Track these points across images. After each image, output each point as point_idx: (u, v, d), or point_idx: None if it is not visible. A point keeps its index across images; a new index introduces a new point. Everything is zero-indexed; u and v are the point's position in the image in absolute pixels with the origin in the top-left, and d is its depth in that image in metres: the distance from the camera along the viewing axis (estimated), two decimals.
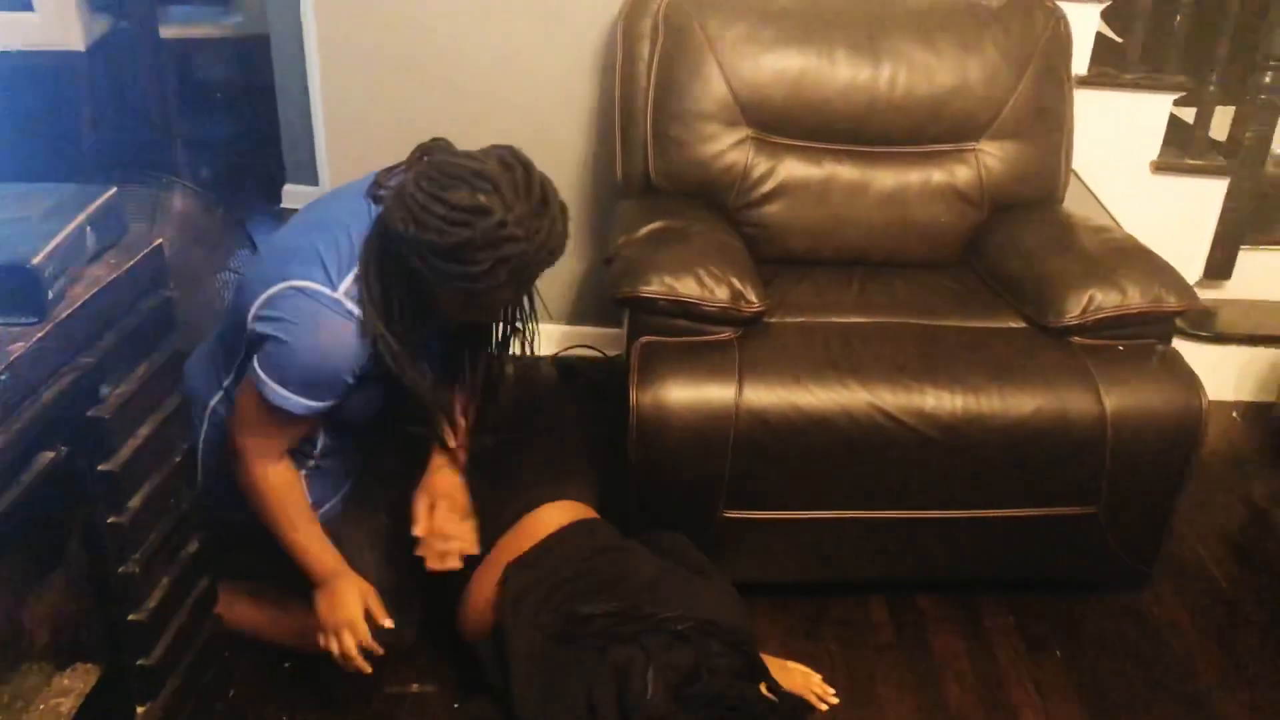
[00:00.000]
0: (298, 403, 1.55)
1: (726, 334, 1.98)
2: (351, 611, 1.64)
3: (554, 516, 1.82)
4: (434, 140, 1.58)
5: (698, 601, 1.69)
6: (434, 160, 1.48)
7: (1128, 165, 2.77)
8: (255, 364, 1.54)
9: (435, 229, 1.41)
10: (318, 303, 1.51)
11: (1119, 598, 2.16)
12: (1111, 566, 2.10)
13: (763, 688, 1.63)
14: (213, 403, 1.72)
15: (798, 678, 1.88)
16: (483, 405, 1.82)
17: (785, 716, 1.51)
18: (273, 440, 1.62)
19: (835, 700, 1.86)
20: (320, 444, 1.74)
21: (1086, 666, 1.98)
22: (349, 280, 1.53)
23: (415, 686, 1.83)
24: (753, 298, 1.97)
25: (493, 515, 1.81)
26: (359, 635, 1.64)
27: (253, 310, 1.54)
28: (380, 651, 1.66)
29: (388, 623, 1.66)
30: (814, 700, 1.85)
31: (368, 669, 1.65)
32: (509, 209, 1.42)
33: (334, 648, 1.64)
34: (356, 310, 1.52)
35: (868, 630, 2.04)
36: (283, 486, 1.66)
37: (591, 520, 1.86)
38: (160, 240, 1.37)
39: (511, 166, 1.46)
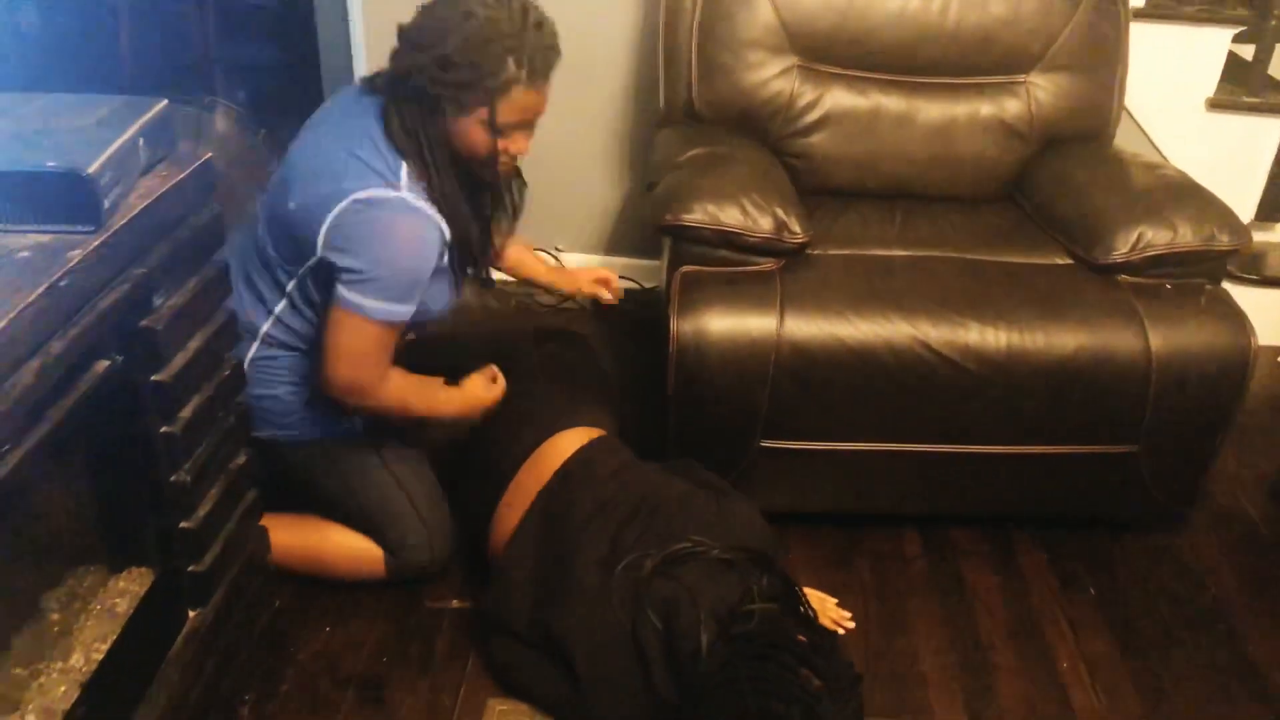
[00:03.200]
0: (401, 311, 1.57)
1: (768, 264, 1.97)
2: (483, 390, 1.83)
3: (570, 442, 1.81)
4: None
5: (730, 523, 1.70)
6: (420, 9, 1.57)
7: (1182, 102, 2.71)
8: (348, 293, 1.54)
9: (438, 46, 1.50)
10: (390, 209, 1.54)
11: (1155, 538, 2.16)
12: (1148, 507, 2.10)
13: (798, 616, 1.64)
14: (264, 328, 1.70)
15: (814, 604, 1.89)
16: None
17: (824, 654, 1.52)
18: (384, 358, 1.63)
19: (852, 625, 1.88)
20: None
21: (1119, 604, 1.99)
22: (404, 174, 1.56)
23: (455, 602, 1.87)
24: (797, 228, 1.95)
25: (511, 444, 1.83)
26: (499, 392, 1.84)
27: (320, 238, 1.55)
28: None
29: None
30: (831, 625, 1.87)
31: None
32: (493, 8, 1.50)
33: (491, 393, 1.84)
34: (421, 201, 1.56)
35: (900, 562, 2.06)
36: (407, 390, 1.70)
37: (599, 443, 1.84)
38: (209, 155, 1.38)
39: None
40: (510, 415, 1.88)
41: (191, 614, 1.44)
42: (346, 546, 1.82)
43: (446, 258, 1.65)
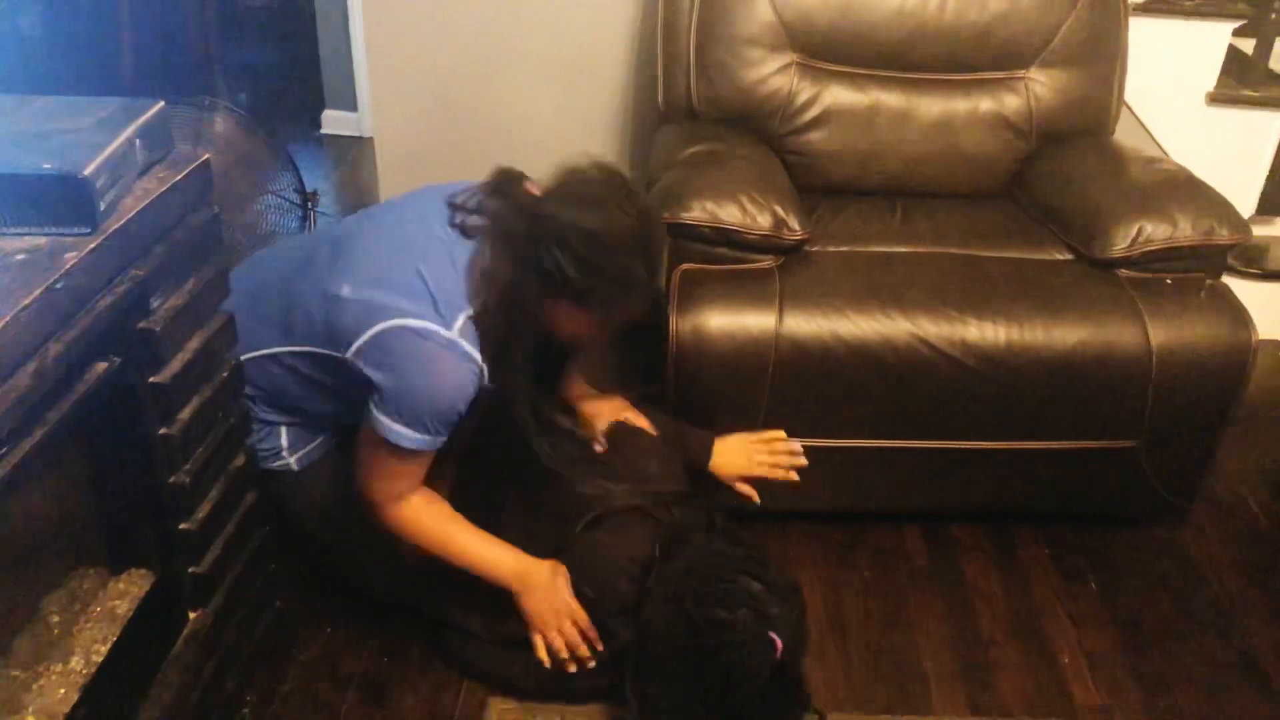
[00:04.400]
0: (424, 440, 1.49)
1: (767, 262, 1.97)
2: (565, 596, 1.59)
3: None
4: (502, 172, 1.57)
5: (630, 460, 1.74)
6: (548, 193, 1.52)
7: (1182, 96, 2.70)
8: (379, 414, 1.48)
9: (587, 243, 1.45)
10: (435, 344, 1.45)
11: (1157, 533, 2.15)
12: (1150, 502, 2.09)
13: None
14: (261, 353, 1.61)
15: (761, 458, 1.86)
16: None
17: (760, 562, 1.55)
18: (408, 479, 1.56)
19: (804, 462, 1.86)
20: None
21: (1122, 599, 1.98)
22: (461, 320, 1.47)
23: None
24: (795, 226, 1.95)
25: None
26: (580, 621, 1.60)
27: (357, 345, 1.47)
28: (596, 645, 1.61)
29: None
30: (782, 475, 1.85)
31: (591, 658, 1.61)
32: (629, 217, 1.48)
33: (558, 642, 1.60)
34: (472, 351, 1.47)
35: (902, 558, 2.06)
36: (431, 516, 1.59)
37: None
38: (207, 156, 1.38)
39: (608, 171, 1.55)
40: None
41: (192, 615, 1.44)
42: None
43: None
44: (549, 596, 1.59)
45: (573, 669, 1.62)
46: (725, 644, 1.44)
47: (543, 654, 1.60)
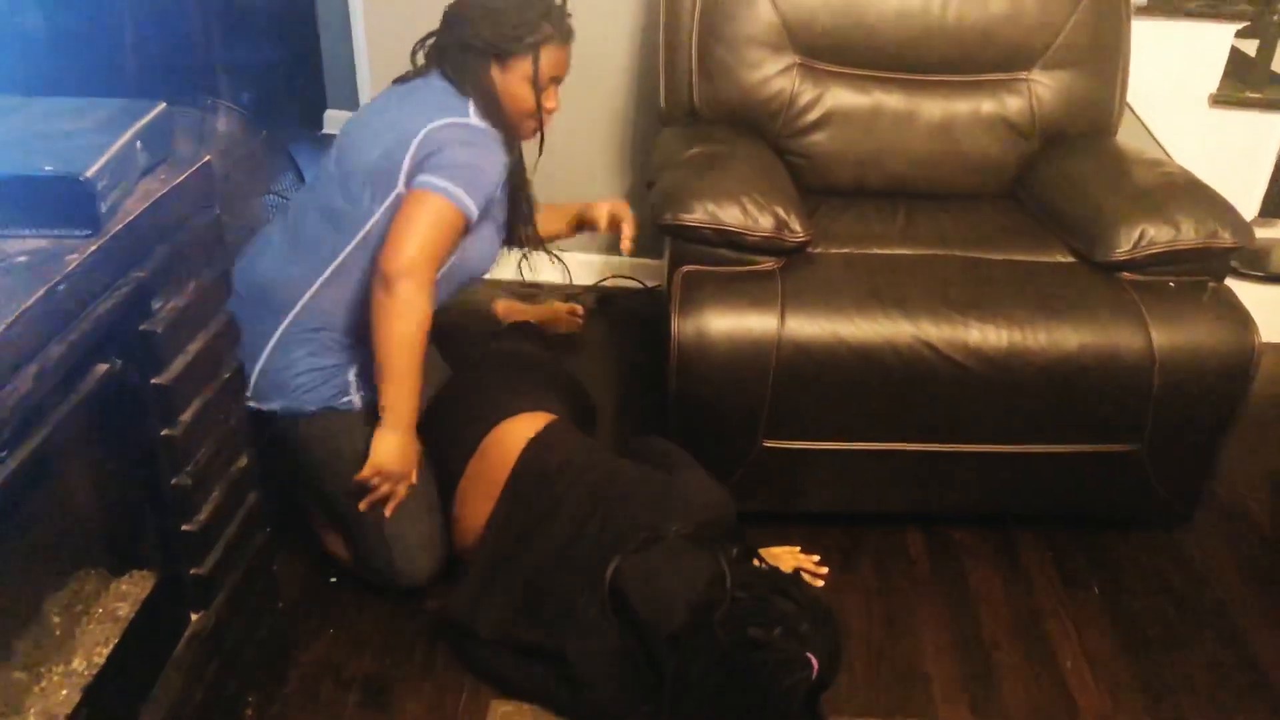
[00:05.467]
0: (470, 205, 1.69)
1: (769, 264, 1.97)
2: (411, 465, 1.75)
3: (514, 430, 1.81)
4: None
5: (685, 496, 1.72)
6: None
7: (1185, 98, 2.70)
8: (430, 176, 1.67)
9: (486, 12, 1.77)
10: (468, 128, 1.75)
11: (1159, 537, 2.15)
12: (1152, 505, 2.09)
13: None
14: (303, 299, 1.76)
15: (787, 559, 1.93)
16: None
17: (795, 582, 1.54)
18: (437, 254, 1.69)
19: (825, 570, 1.96)
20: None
21: (1124, 603, 1.98)
22: (472, 109, 1.77)
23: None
24: (797, 227, 1.95)
25: (456, 443, 1.84)
26: (404, 491, 1.76)
27: (409, 157, 1.70)
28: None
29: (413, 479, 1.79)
30: (808, 579, 1.91)
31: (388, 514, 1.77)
32: None
33: (384, 489, 1.74)
34: (493, 129, 1.78)
35: (904, 562, 2.05)
36: (425, 319, 1.69)
37: (546, 433, 1.82)
38: (209, 157, 1.38)
39: None
40: (453, 413, 1.90)
41: (194, 617, 1.44)
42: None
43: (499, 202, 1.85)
44: (407, 456, 1.73)
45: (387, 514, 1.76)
46: (761, 663, 1.42)
47: (380, 488, 1.73)
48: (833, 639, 1.49)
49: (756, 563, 1.72)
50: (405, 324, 1.65)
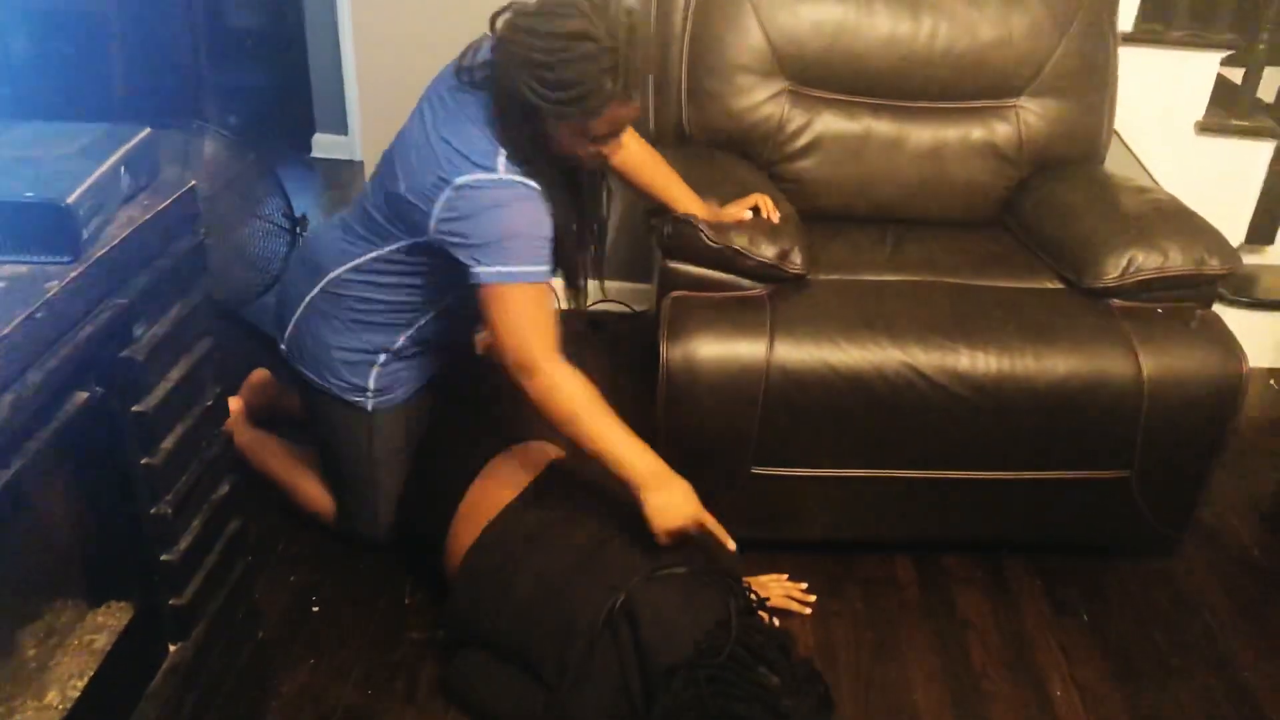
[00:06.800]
0: (536, 271, 1.61)
1: (759, 290, 1.96)
2: (693, 505, 1.66)
3: (518, 459, 1.86)
4: (506, 6, 1.64)
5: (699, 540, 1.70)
6: (516, 10, 1.58)
7: (1172, 125, 2.72)
8: (480, 268, 1.60)
9: (544, 64, 1.52)
10: (492, 187, 1.60)
11: (1148, 564, 2.14)
12: (1142, 532, 2.08)
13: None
14: (337, 272, 1.80)
15: (774, 587, 1.93)
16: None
17: (780, 649, 1.53)
18: (542, 330, 1.64)
19: (812, 598, 1.96)
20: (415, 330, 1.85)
21: (1113, 631, 1.97)
22: (500, 160, 1.61)
23: (442, 633, 1.85)
24: (797, 260, 1.96)
25: (461, 462, 1.86)
26: (708, 523, 1.67)
27: (434, 221, 1.62)
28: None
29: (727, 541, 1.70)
30: (796, 607, 1.93)
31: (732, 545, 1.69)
32: (595, 24, 1.51)
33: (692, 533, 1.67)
34: (523, 179, 1.61)
35: (893, 589, 2.04)
36: (583, 388, 1.65)
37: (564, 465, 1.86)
38: (193, 183, 1.36)
39: None
40: (458, 434, 1.91)
41: (172, 648, 1.41)
42: (312, 497, 2.05)
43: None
44: (685, 499, 1.65)
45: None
46: None
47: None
48: (817, 706, 1.49)
49: (764, 616, 1.71)
50: (559, 404, 1.64)
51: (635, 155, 1.94)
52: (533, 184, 1.62)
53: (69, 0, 3.37)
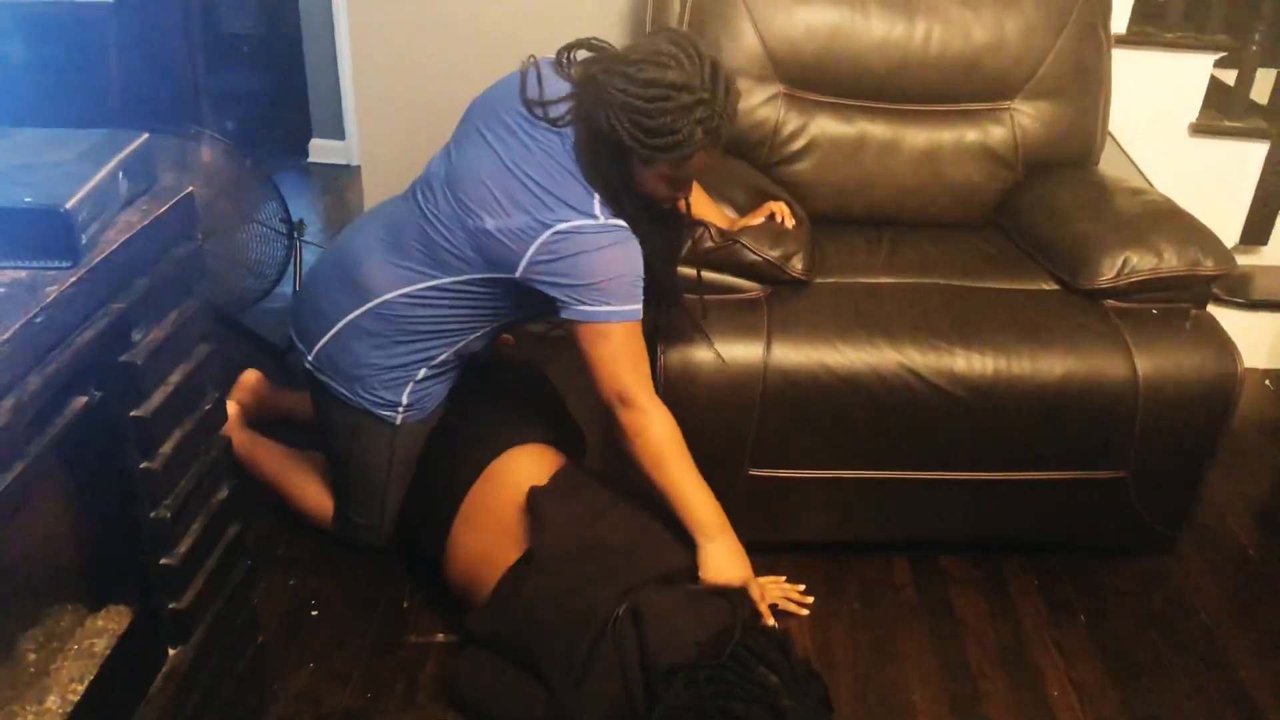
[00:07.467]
0: (632, 310, 1.66)
1: (755, 292, 1.97)
2: (747, 567, 1.74)
3: (517, 460, 1.85)
4: (579, 42, 1.69)
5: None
6: (609, 56, 1.63)
7: (1166, 127, 2.73)
8: (578, 309, 1.64)
9: (643, 111, 1.55)
10: (592, 231, 1.63)
11: (1145, 563, 2.15)
12: (1138, 532, 2.09)
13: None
14: (388, 296, 1.78)
15: (772, 589, 1.94)
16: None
17: (779, 649, 1.54)
18: (643, 362, 1.69)
19: (810, 599, 1.97)
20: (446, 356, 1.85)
21: (1110, 630, 1.98)
22: (597, 205, 1.64)
23: (439, 636, 1.85)
24: (799, 265, 1.96)
25: (458, 469, 1.86)
26: (754, 594, 1.76)
27: (525, 264, 1.64)
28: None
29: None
30: (794, 608, 1.94)
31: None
32: (692, 75, 1.56)
33: (752, 594, 1.76)
34: (620, 223, 1.65)
35: (890, 590, 2.05)
36: (673, 432, 1.71)
37: (569, 469, 1.86)
38: (191, 188, 1.37)
39: (679, 41, 1.59)
40: (454, 440, 1.91)
41: (171, 652, 1.42)
42: (308, 499, 2.05)
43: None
44: (742, 560, 1.74)
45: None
46: None
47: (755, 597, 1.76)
48: (816, 707, 1.51)
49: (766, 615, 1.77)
50: (649, 441, 1.69)
51: None
52: (625, 226, 1.66)
53: (66, 7, 3.38)
